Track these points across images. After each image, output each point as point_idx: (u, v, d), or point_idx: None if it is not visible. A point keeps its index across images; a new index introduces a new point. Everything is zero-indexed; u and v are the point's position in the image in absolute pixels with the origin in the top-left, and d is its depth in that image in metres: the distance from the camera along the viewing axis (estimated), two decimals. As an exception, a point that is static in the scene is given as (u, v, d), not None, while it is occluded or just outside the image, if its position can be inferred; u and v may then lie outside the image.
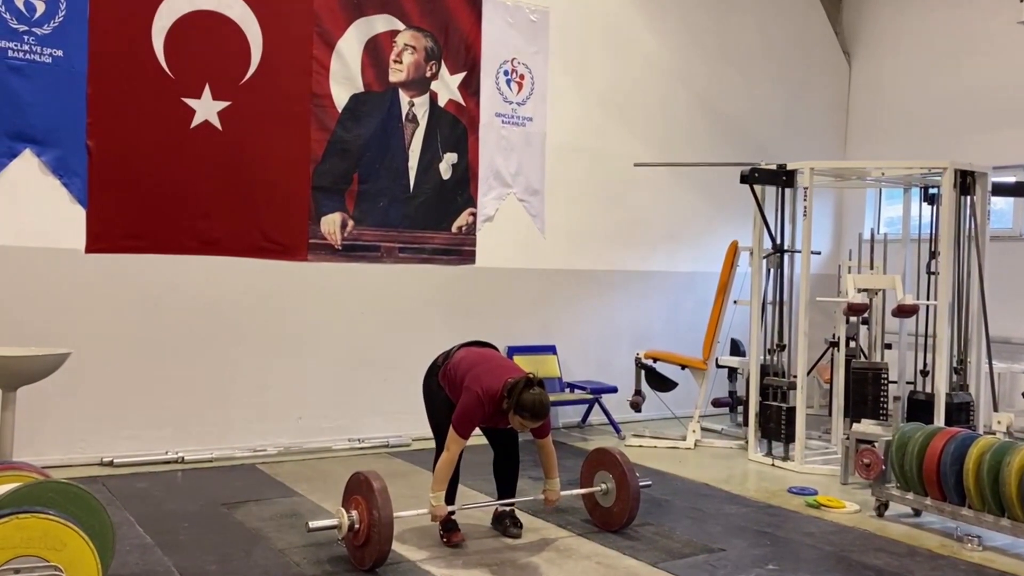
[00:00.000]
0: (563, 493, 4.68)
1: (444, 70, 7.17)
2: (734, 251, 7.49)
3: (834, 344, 6.80)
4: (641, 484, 4.81)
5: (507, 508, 4.78)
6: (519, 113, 7.57)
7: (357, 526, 4.09)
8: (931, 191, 6.88)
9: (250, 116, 6.33)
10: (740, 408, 7.74)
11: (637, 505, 4.76)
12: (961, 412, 6.35)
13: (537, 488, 4.77)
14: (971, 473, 4.68)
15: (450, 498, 4.52)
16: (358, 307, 6.85)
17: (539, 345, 7.67)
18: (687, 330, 8.16)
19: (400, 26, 6.95)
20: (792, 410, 6.48)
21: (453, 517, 4.59)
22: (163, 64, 6.03)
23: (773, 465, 6.54)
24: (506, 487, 4.76)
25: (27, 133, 5.65)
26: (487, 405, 4.27)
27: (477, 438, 4.58)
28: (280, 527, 4.74)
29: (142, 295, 6.05)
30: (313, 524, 4.15)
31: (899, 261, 7.06)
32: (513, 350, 7.44)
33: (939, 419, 6.18)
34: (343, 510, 4.17)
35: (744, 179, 6.64)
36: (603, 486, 4.85)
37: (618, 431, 7.57)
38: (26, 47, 5.61)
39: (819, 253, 8.06)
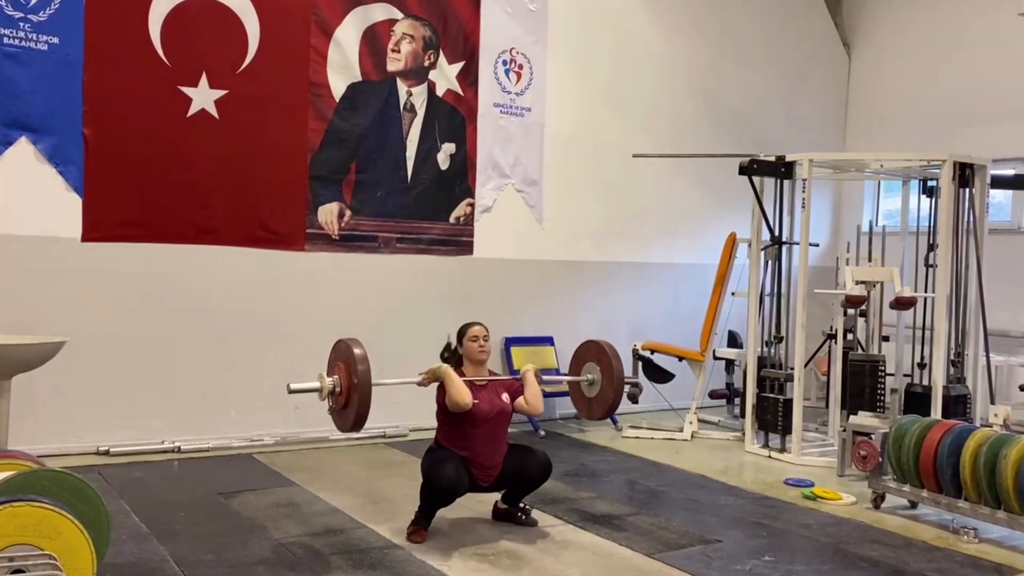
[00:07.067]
0: (549, 378, 4.85)
1: (442, 59, 7.14)
2: (732, 243, 7.48)
3: (832, 336, 6.80)
4: (627, 380, 4.84)
5: (513, 504, 4.76)
6: (517, 103, 7.55)
7: (338, 389, 4.19)
8: (930, 183, 6.88)
9: (247, 105, 6.30)
10: (737, 400, 7.74)
11: (620, 393, 4.84)
12: (958, 405, 6.36)
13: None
14: (968, 465, 4.68)
15: (430, 516, 4.51)
16: (355, 297, 6.83)
17: (536, 336, 7.66)
18: (685, 322, 8.15)
19: (398, 15, 6.92)
20: (789, 402, 6.48)
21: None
22: (160, 52, 6.00)
23: (770, 457, 6.54)
24: (514, 492, 4.72)
25: (23, 121, 5.62)
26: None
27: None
28: (277, 517, 4.73)
29: (138, 284, 6.03)
30: (294, 386, 4.24)
31: (897, 253, 7.05)
32: (511, 341, 7.44)
33: (936, 412, 6.19)
34: (323, 374, 4.26)
35: (743, 170, 6.63)
36: (589, 377, 4.94)
37: (615, 422, 7.57)
38: (22, 34, 5.58)
39: (817, 245, 8.06)
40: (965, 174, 6.44)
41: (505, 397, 4.60)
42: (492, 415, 4.52)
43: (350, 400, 4.13)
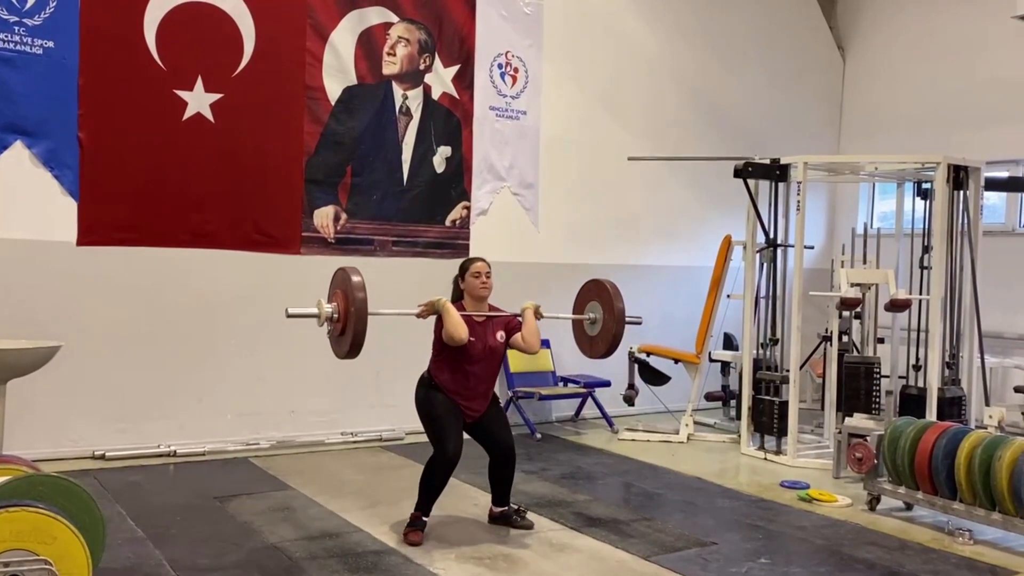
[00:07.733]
0: (550, 315, 4.80)
1: (438, 63, 7.14)
2: (727, 245, 7.49)
3: (827, 338, 6.80)
4: (630, 319, 4.84)
5: (507, 506, 4.75)
6: (513, 106, 7.56)
7: (336, 316, 4.25)
8: (924, 186, 6.89)
9: (243, 108, 6.30)
10: (733, 402, 7.75)
11: (623, 327, 4.83)
12: (953, 406, 6.37)
13: (524, 479, 4.76)
14: (963, 467, 4.69)
15: (427, 508, 4.51)
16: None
17: (532, 339, 7.64)
18: (680, 324, 8.15)
19: (393, 18, 6.92)
20: (785, 404, 6.49)
21: (425, 519, 4.53)
22: (155, 56, 6.00)
23: (766, 459, 6.55)
24: (501, 489, 4.74)
25: (18, 125, 5.61)
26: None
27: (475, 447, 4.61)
28: (272, 520, 4.73)
29: (134, 288, 6.02)
30: (292, 311, 4.28)
31: (892, 256, 7.06)
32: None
33: (931, 413, 6.20)
34: (322, 301, 4.30)
35: (738, 173, 6.64)
36: (591, 315, 4.98)
37: (611, 425, 7.57)
38: (16, 38, 5.57)
39: (812, 247, 8.07)
40: (959, 176, 6.46)
41: (500, 335, 4.63)
42: (485, 355, 4.58)
43: (347, 326, 4.18)
